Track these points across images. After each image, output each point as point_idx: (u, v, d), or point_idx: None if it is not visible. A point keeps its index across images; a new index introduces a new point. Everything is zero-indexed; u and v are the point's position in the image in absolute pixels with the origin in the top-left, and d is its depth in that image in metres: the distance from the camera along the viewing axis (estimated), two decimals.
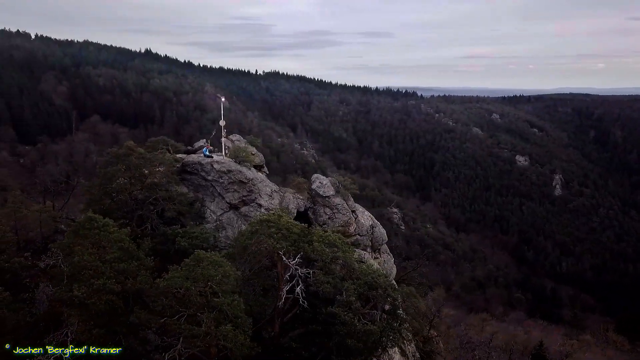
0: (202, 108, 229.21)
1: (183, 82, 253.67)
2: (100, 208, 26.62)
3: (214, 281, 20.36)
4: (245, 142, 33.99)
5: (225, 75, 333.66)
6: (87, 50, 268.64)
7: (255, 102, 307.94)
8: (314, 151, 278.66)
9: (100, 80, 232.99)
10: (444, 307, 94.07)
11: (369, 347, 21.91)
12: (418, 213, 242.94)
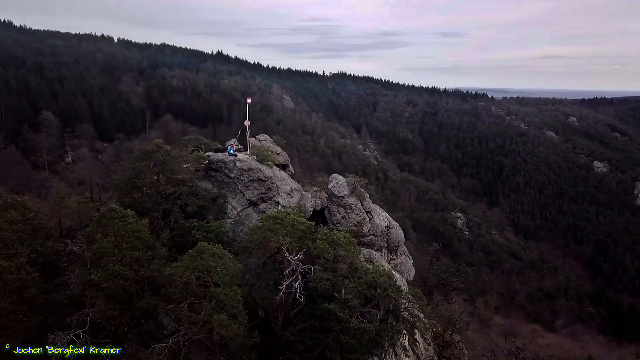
0: (268, 109, 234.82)
1: (251, 83, 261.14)
2: (129, 201, 28.74)
3: (214, 272, 21.51)
4: (272, 141, 35.06)
5: (293, 76, 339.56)
6: (164, 52, 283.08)
7: (320, 103, 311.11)
8: (377, 152, 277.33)
9: (174, 81, 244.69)
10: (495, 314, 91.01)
11: (364, 345, 22.20)
12: (484, 218, 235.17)
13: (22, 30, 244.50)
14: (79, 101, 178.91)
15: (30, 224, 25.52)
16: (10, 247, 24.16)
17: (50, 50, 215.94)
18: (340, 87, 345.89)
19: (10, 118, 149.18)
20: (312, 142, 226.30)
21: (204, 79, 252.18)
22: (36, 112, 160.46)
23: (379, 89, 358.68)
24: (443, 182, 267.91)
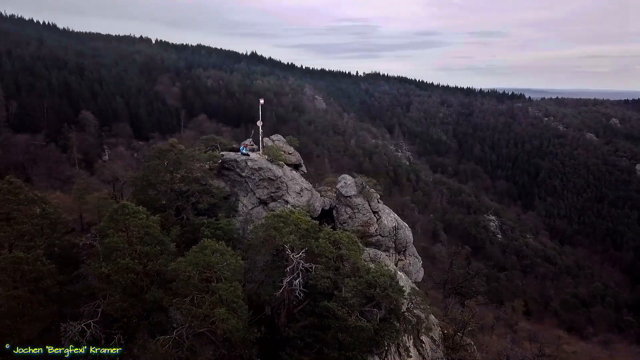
0: (300, 109, 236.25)
1: (284, 83, 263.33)
2: (144, 198, 29.84)
3: (216, 268, 22.21)
4: (285, 142, 35.57)
5: (326, 76, 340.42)
6: (199, 53, 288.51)
7: (353, 103, 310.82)
8: (409, 153, 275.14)
9: (208, 82, 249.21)
10: (522, 320, 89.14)
11: (362, 343, 22.47)
12: (518, 222, 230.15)
13: (65, 32, 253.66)
14: (117, 101, 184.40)
15: (49, 218, 26.91)
16: (29, 240, 25.60)
17: (92, 51, 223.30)
18: (373, 88, 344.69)
19: (51, 117, 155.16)
20: (343, 142, 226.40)
21: (237, 80, 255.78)
22: (76, 111, 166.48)
23: (413, 89, 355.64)
24: (476, 185, 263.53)
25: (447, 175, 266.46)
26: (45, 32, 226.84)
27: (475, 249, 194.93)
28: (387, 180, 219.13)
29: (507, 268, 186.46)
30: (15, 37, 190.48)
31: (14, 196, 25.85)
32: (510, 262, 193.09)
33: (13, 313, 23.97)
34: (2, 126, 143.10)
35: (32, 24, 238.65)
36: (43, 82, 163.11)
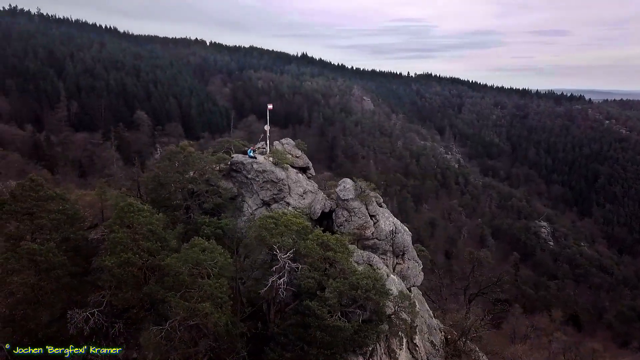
0: (347, 110, 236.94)
1: (332, 84, 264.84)
2: (156, 196, 31.81)
3: (204, 265, 23.62)
4: (293, 145, 36.61)
5: (376, 77, 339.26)
6: (251, 55, 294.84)
7: (403, 104, 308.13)
8: (460, 155, 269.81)
9: (259, 83, 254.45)
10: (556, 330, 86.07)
11: (341, 342, 23.19)
12: (572, 229, 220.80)
13: (125, 35, 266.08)
14: (170, 101, 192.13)
15: (66, 214, 29.32)
16: (45, 234, 28.03)
17: (149, 54, 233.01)
18: (424, 88, 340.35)
19: (108, 117, 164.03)
20: (390, 143, 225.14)
21: (287, 81, 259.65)
22: (132, 111, 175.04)
23: (465, 90, 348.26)
24: (529, 189, 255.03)
25: (498, 178, 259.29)
26: (107, 36, 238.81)
27: (525, 255, 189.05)
28: (434, 183, 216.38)
29: (558, 277, 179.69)
30: (79, 41, 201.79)
31: (35, 193, 28.41)
32: (562, 271, 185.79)
33: (27, 299, 26.43)
34: (63, 125, 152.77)
35: (95, 28, 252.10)
36: (102, 84, 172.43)
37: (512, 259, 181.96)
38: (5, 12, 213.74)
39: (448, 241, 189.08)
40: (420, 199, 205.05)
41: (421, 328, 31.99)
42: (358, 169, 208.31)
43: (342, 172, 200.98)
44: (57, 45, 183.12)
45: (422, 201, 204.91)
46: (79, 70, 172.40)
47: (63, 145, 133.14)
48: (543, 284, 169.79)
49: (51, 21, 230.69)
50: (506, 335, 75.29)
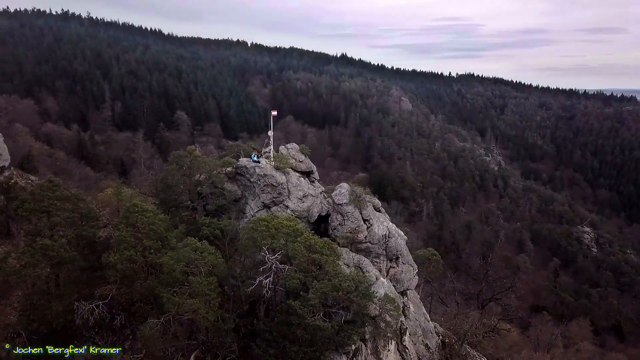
0: (384, 111, 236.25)
1: (370, 85, 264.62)
2: (164, 197, 33.80)
3: (194, 263, 25.24)
4: (297, 150, 37.77)
5: (416, 78, 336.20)
6: (291, 56, 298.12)
7: (443, 104, 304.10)
8: (500, 158, 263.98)
9: (297, 84, 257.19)
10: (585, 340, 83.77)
11: (320, 341, 24.27)
12: (618, 235, 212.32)
13: (169, 37, 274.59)
14: (210, 102, 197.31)
15: (80, 212, 31.69)
16: (59, 230, 30.40)
17: (191, 55, 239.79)
18: (466, 89, 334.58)
19: (150, 117, 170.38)
20: (428, 144, 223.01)
21: (326, 82, 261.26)
22: (172, 111, 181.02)
23: (509, 90, 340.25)
24: (573, 193, 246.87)
25: (540, 182, 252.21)
26: (151, 38, 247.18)
27: (565, 262, 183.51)
28: (472, 185, 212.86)
29: (600, 285, 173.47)
30: (125, 43, 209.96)
31: (52, 192, 30.84)
32: (604, 279, 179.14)
33: (41, 290, 28.91)
34: (108, 125, 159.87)
35: (140, 30, 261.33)
36: (144, 85, 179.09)
37: (552, 265, 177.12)
38: (57, 17, 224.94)
39: (485, 245, 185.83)
40: (457, 201, 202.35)
41: (414, 331, 32.60)
42: (394, 170, 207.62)
43: (377, 174, 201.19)
44: (104, 47, 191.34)
45: (459, 204, 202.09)
46: (124, 71, 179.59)
47: (106, 144, 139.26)
48: (584, 292, 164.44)
49: (100, 25, 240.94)
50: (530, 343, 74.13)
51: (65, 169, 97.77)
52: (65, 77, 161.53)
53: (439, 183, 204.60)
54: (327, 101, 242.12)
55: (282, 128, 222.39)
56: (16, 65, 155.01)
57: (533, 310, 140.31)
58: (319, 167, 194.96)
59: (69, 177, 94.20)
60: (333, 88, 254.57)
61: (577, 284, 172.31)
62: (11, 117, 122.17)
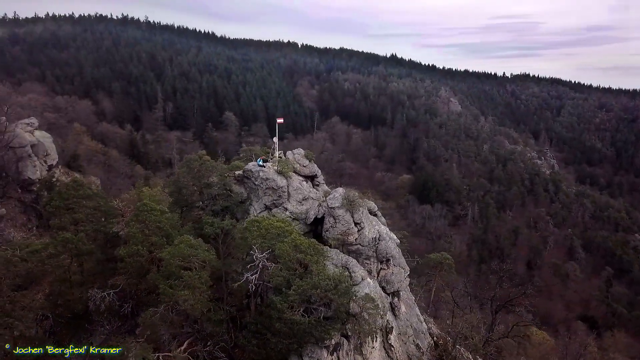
0: (432, 112, 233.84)
1: (419, 86, 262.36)
2: (177, 197, 36.72)
3: (188, 259, 27.85)
4: (302, 155, 39.59)
5: (468, 78, 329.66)
6: (340, 57, 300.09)
7: (495, 105, 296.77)
8: (554, 161, 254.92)
9: (345, 85, 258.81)
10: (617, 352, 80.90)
11: (297, 333, 26.23)
12: None
13: (221, 40, 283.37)
14: (257, 103, 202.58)
15: (100, 210, 35.10)
16: (80, 226, 33.85)
17: (242, 57, 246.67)
18: (520, 90, 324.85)
19: (199, 117, 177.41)
20: (476, 147, 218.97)
21: (374, 82, 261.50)
22: (221, 112, 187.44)
23: (566, 91, 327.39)
24: (633, 200, 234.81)
25: (597, 187, 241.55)
26: (204, 41, 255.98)
27: (620, 271, 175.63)
28: (520, 189, 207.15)
29: None
30: (179, 46, 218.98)
31: (75, 191, 34.38)
32: None
33: (62, 278, 32.48)
34: (159, 124, 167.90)
35: (194, 33, 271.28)
36: (195, 86, 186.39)
37: (605, 275, 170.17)
38: (117, 21, 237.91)
39: (532, 251, 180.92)
40: (504, 205, 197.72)
41: (405, 331, 33.84)
42: (439, 172, 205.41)
43: (422, 175, 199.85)
44: (159, 50, 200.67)
45: (506, 208, 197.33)
46: (176, 73, 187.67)
47: (156, 143, 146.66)
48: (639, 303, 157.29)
49: (156, 28, 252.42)
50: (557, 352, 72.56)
51: (114, 166, 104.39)
52: (121, 79, 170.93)
53: (486, 186, 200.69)
54: (374, 102, 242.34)
55: (328, 129, 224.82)
56: (77, 67, 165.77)
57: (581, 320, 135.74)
58: (363, 168, 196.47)
59: (118, 174, 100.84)
60: (381, 89, 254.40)
61: (632, 295, 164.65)
62: (70, 117, 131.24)
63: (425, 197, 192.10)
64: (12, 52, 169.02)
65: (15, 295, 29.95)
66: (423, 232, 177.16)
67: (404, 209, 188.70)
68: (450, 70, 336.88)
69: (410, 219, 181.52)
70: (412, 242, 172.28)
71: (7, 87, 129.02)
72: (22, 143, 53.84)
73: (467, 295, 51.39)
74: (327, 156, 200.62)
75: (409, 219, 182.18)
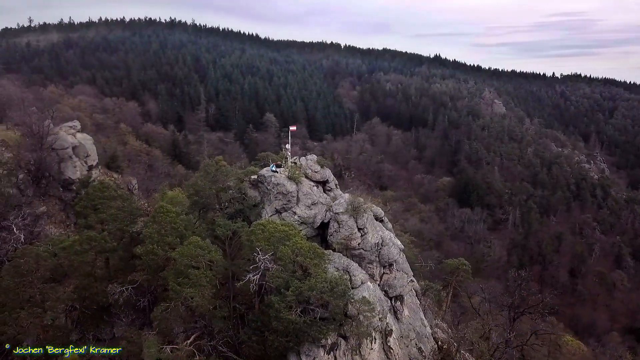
0: (475, 113, 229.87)
1: (462, 87, 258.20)
2: (196, 201, 39.00)
3: (197, 259, 29.88)
4: (314, 161, 40.86)
5: (515, 79, 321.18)
6: (383, 57, 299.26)
7: (542, 107, 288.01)
8: (605, 165, 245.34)
9: (387, 86, 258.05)
10: None
11: (292, 332, 27.74)
12: None
13: (265, 41, 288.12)
14: (297, 104, 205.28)
15: (123, 210, 37.76)
16: (105, 225, 36.59)
17: (284, 58, 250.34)
18: (570, 90, 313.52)
19: (240, 118, 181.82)
20: (519, 149, 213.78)
21: (416, 83, 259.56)
22: (262, 113, 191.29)
23: (620, 92, 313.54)
24: None
25: None
26: (248, 43, 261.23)
27: None
28: (565, 194, 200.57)
29: None
30: (223, 48, 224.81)
31: (102, 193, 37.20)
32: None
33: (87, 273, 35.29)
34: (201, 125, 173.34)
35: (238, 35, 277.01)
36: (237, 87, 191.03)
37: None
38: (165, 25, 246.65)
39: (576, 258, 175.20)
40: (547, 210, 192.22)
41: (407, 334, 34.68)
42: (481, 175, 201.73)
43: (462, 178, 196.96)
44: (203, 53, 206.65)
45: (550, 213, 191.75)
46: (219, 75, 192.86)
47: (197, 144, 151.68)
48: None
49: (202, 31, 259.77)
50: None
51: (149, 166, 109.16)
52: (166, 81, 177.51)
53: (529, 190, 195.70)
54: (415, 103, 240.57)
55: (368, 130, 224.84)
56: (125, 70, 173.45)
57: (627, 332, 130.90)
58: (402, 169, 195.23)
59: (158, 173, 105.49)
60: (423, 90, 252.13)
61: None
62: (117, 118, 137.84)
63: (465, 200, 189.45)
64: (66, 56, 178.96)
65: (44, 287, 32.92)
66: (461, 236, 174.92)
67: (443, 211, 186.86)
68: (496, 70, 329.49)
69: (449, 222, 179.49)
70: (450, 245, 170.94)
71: (60, 89, 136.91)
72: (64, 145, 57.80)
73: (485, 301, 51.33)
74: (366, 157, 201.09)
75: (447, 222, 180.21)
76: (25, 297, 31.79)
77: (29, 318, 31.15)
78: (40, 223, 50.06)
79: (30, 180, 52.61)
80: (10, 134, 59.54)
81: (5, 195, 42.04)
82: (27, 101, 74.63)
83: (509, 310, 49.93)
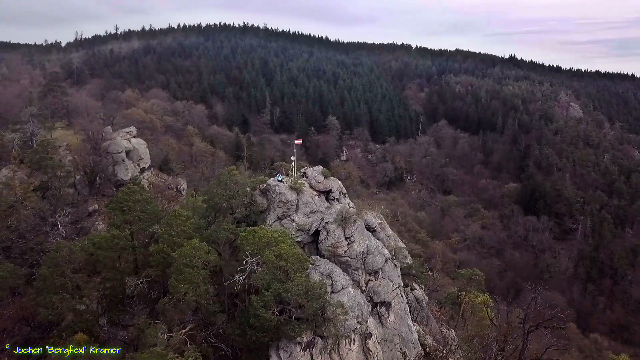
0: (548, 117, 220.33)
1: (536, 89, 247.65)
2: (210, 206, 43.15)
3: (193, 259, 33.87)
4: (319, 172, 43.35)
5: (600, 80, 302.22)
6: (454, 59, 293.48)
7: (628, 111, 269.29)
8: None
9: (457, 87, 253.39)
10: None
11: (267, 329, 30.87)
12: None
13: (334, 44, 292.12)
14: (361, 107, 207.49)
15: (146, 212, 42.62)
16: (128, 225, 41.64)
17: (352, 60, 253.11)
18: None
19: (303, 121, 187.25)
20: (595, 156, 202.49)
21: (487, 85, 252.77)
22: (325, 116, 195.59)
23: None
24: None
25: None
26: (317, 46, 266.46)
27: None
28: None
29: None
30: (291, 51, 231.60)
31: (128, 196, 42.28)
32: None
33: (112, 266, 40.53)
34: (266, 127, 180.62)
35: (307, 38, 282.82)
36: (302, 91, 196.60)
37: None
38: (237, 29, 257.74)
39: None
40: (623, 221, 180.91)
41: (391, 338, 36.58)
42: (550, 182, 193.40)
43: (530, 185, 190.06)
44: (272, 57, 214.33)
45: (626, 224, 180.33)
46: (285, 79, 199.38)
47: (260, 145, 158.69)
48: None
49: (272, 35, 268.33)
50: None
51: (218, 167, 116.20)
52: (234, 84, 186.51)
53: (603, 199, 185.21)
54: (485, 106, 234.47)
55: (434, 133, 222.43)
56: (197, 74, 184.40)
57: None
58: (467, 174, 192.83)
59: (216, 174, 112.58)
60: (494, 92, 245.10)
61: None
62: (186, 120, 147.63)
63: (532, 207, 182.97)
64: (144, 61, 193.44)
65: (74, 277, 38.52)
66: (525, 245, 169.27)
67: (507, 218, 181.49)
68: (578, 71, 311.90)
69: (512, 230, 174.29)
70: (512, 254, 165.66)
71: (136, 93, 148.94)
72: (118, 149, 64.76)
73: (498, 313, 51.46)
74: (430, 160, 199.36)
75: (510, 230, 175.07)
76: (58, 285, 37.43)
77: (60, 303, 36.72)
78: (91, 219, 56.92)
79: (86, 180, 59.66)
80: (75, 139, 67.39)
81: (58, 194, 48.54)
82: (93, 109, 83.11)
83: (523, 324, 49.90)
